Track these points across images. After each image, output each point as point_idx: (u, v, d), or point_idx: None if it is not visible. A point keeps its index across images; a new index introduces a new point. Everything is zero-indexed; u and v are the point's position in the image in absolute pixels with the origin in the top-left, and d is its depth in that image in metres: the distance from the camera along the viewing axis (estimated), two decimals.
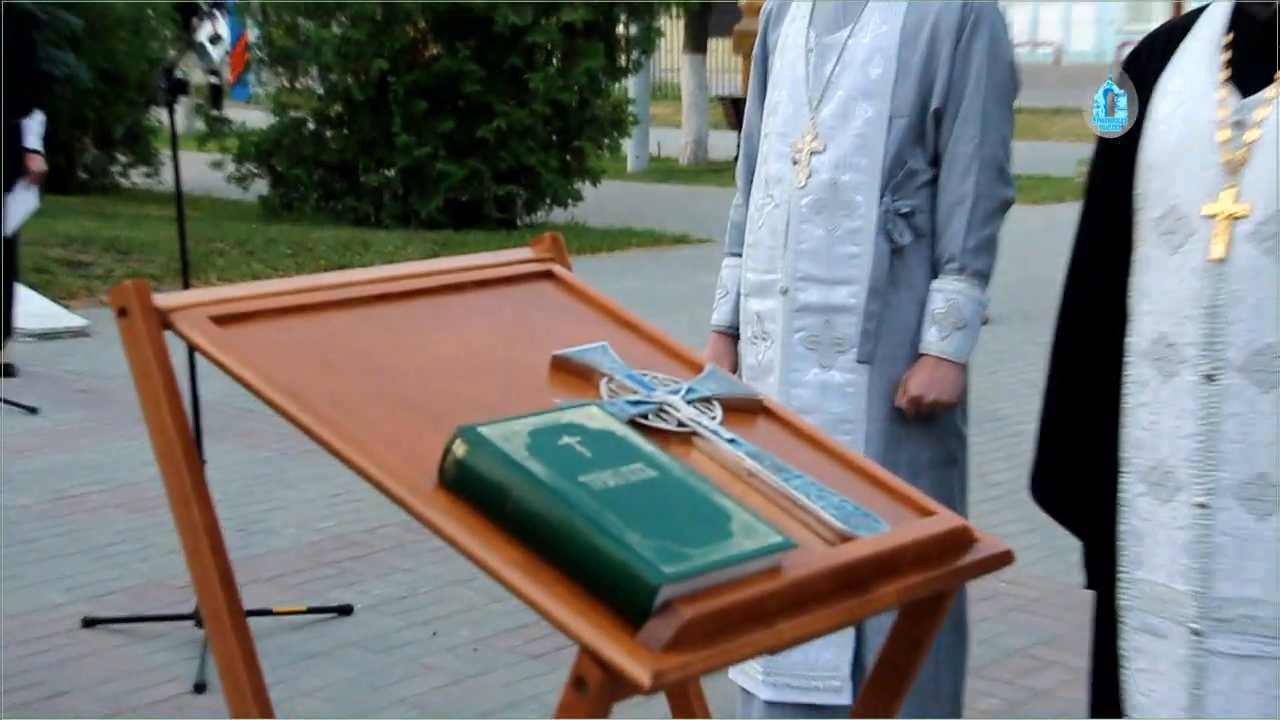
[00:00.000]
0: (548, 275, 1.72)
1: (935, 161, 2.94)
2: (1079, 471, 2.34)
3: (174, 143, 4.19)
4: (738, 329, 3.17)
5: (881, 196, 2.92)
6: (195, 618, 4.16)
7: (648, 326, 1.65)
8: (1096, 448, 2.29)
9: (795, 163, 2.98)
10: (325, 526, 5.13)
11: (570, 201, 13.28)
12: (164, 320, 1.47)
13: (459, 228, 12.61)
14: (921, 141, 2.93)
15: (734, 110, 18.43)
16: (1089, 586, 2.35)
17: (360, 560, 4.81)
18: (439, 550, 4.78)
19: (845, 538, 1.38)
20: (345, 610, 4.33)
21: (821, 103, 2.94)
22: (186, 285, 4.14)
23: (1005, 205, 2.95)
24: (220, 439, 6.02)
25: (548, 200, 13.16)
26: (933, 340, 2.92)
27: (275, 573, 4.65)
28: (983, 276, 2.93)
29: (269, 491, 5.49)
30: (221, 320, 1.48)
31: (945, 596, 1.46)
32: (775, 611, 1.27)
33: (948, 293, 2.92)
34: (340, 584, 4.59)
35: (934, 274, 2.96)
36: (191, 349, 1.48)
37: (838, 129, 2.94)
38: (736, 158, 3.28)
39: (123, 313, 1.46)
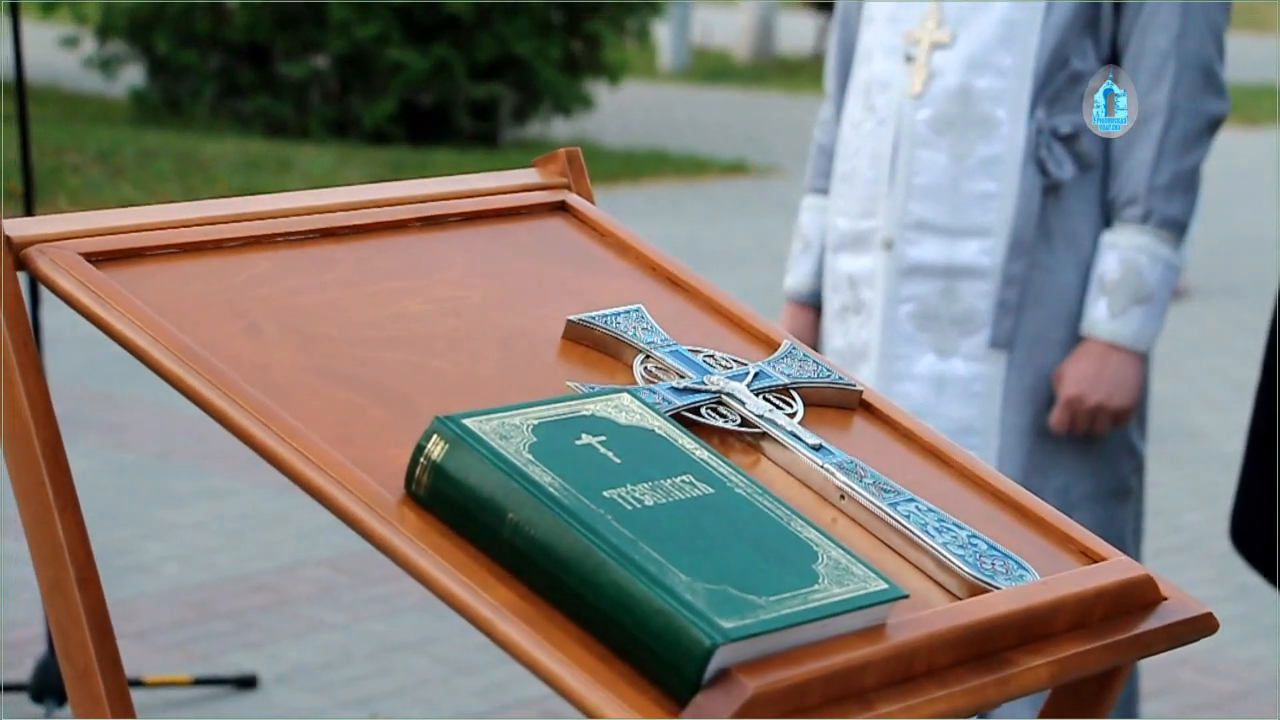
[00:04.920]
0: (560, 208, 1.74)
1: (1112, 60, 2.96)
2: None
3: (15, 15, 4.21)
4: (821, 298, 3.19)
5: (1033, 110, 2.93)
6: (32, 689, 4.19)
7: (702, 283, 1.67)
8: None
9: (909, 60, 3.00)
10: (221, 562, 5.16)
11: (578, 109, 13.29)
12: (16, 256, 1.49)
13: (418, 142, 12.65)
14: (1093, 31, 2.94)
15: None
16: None
17: (270, 611, 4.84)
18: (382, 601, 4.81)
19: (976, 588, 1.40)
20: (247, 682, 4.37)
21: None
22: (30, 213, 4.17)
23: (1214, 125, 2.96)
24: (73, 435, 6.04)
25: (546, 106, 13.18)
26: (1101, 318, 2.94)
27: (147, 625, 4.69)
28: (1177, 227, 2.94)
29: (142, 510, 5.53)
30: (99, 258, 1.51)
31: (1115, 676, 1.48)
32: (874, 688, 1.29)
33: (1125, 250, 2.93)
34: (240, 644, 4.62)
35: (1106, 223, 2.97)
36: (35, 299, 1.49)
37: (972, 12, 2.95)
38: (827, 52, 3.29)
39: None
